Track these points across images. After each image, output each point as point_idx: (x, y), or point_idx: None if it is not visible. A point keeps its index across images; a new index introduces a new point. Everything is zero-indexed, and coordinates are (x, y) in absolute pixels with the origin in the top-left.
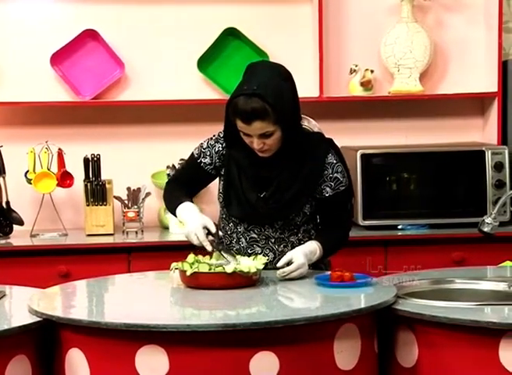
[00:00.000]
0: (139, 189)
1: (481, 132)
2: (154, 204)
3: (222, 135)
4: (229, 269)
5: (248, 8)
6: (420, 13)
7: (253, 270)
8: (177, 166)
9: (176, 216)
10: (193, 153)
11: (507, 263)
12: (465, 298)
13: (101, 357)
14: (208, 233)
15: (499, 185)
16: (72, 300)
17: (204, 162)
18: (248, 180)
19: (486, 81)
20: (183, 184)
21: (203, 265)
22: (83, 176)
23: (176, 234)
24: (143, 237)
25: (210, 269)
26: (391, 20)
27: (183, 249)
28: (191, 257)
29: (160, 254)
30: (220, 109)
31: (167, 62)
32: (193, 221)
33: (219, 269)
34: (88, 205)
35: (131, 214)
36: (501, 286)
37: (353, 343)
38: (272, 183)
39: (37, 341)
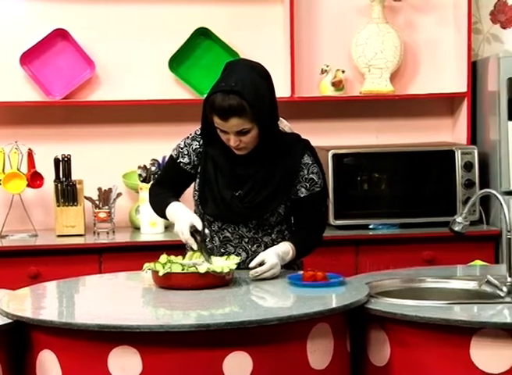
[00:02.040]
0: (110, 189)
1: (451, 132)
2: (125, 204)
3: (198, 133)
4: (201, 269)
5: (220, 8)
6: (390, 14)
7: (226, 270)
8: (148, 166)
9: (166, 218)
10: (171, 155)
11: (477, 262)
12: (436, 296)
13: (73, 358)
14: (196, 230)
15: (469, 185)
16: (43, 301)
17: (184, 162)
18: (224, 177)
19: (456, 82)
20: (166, 187)
21: (176, 265)
22: (53, 177)
23: (147, 235)
24: (114, 238)
25: (183, 270)
26: (362, 21)
27: (154, 249)
28: (164, 257)
29: (131, 254)
30: (192, 109)
31: (138, 62)
32: (180, 220)
33: (192, 270)
34: (59, 206)
35: (102, 214)
36: (471, 285)
37: (326, 342)
38: (248, 182)
39: (7, 342)
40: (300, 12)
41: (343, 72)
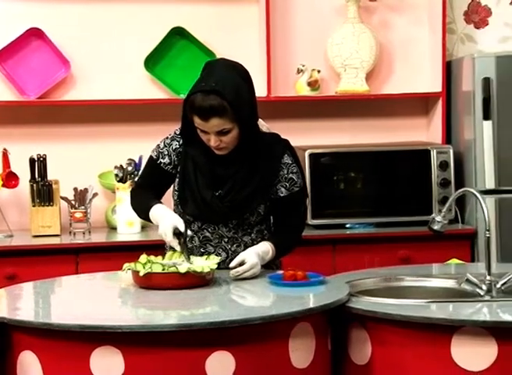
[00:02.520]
0: (86, 189)
1: (426, 131)
2: (101, 204)
3: (178, 133)
4: (182, 269)
5: (196, 8)
6: (365, 14)
7: (206, 270)
8: (125, 166)
9: (150, 221)
10: (151, 156)
11: (453, 261)
12: (416, 295)
13: (54, 359)
14: (179, 232)
15: (445, 184)
16: (22, 302)
17: (164, 163)
18: (204, 177)
19: (430, 81)
20: (148, 189)
21: (156, 265)
22: (28, 177)
23: (124, 235)
24: (90, 238)
25: (163, 270)
26: (337, 21)
27: (131, 250)
28: (143, 257)
29: (108, 254)
30: (168, 109)
31: (114, 62)
32: (163, 222)
33: (172, 269)
34: (34, 206)
35: (78, 214)
36: (450, 283)
37: (308, 341)
38: (228, 182)
39: None
40: (276, 12)
41: (319, 72)
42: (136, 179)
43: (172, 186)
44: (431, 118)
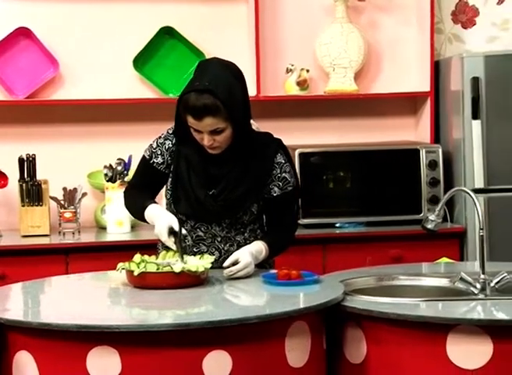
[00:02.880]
0: (75, 189)
1: (414, 131)
2: (90, 204)
3: (170, 132)
4: (177, 268)
5: (185, 8)
6: (354, 14)
7: (201, 269)
8: (114, 166)
9: (145, 221)
10: (144, 156)
11: (443, 259)
12: (409, 294)
13: (50, 359)
14: (174, 231)
15: (434, 183)
16: (15, 302)
17: (157, 162)
18: (197, 176)
19: (419, 81)
20: (141, 189)
21: (151, 265)
22: (17, 177)
23: (113, 234)
24: (80, 238)
25: (158, 269)
26: (326, 20)
27: (121, 249)
28: (137, 257)
29: (99, 255)
30: (157, 108)
31: (103, 61)
32: (158, 222)
33: (167, 269)
34: (23, 206)
35: (68, 214)
36: (444, 282)
37: (304, 340)
38: (221, 182)
39: None
40: (265, 12)
41: (308, 71)
42: (125, 178)
43: (166, 185)
44: (419, 117)
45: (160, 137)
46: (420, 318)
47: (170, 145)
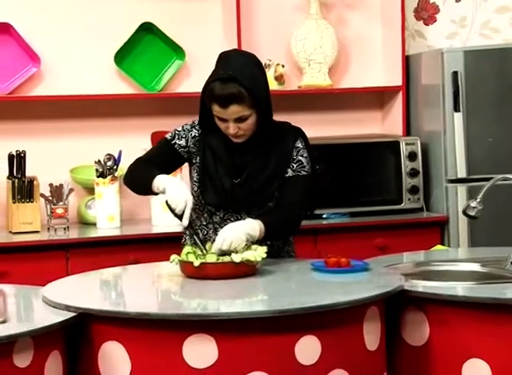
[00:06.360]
0: (61, 185)
1: (381, 124)
2: (73, 200)
3: (196, 123)
4: (236, 258)
5: (164, 3)
6: (324, 10)
7: (258, 259)
8: (103, 162)
9: (146, 192)
10: (165, 137)
11: (438, 247)
12: (448, 278)
13: (144, 348)
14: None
15: (413, 173)
16: (98, 293)
17: (179, 144)
18: (223, 166)
19: (388, 76)
20: (154, 164)
21: (210, 255)
22: (6, 173)
23: (104, 229)
24: (68, 234)
25: (217, 260)
26: (299, 17)
27: (114, 244)
28: (188, 248)
29: (97, 250)
30: (138, 104)
31: (84, 57)
32: (176, 189)
33: (228, 259)
34: (14, 203)
35: (60, 210)
36: (475, 267)
37: (377, 325)
38: (245, 170)
39: (66, 336)
40: (241, 8)
41: (283, 66)
42: (115, 173)
43: (190, 178)
44: (386, 111)
45: (186, 124)
46: (492, 300)
47: (196, 134)
